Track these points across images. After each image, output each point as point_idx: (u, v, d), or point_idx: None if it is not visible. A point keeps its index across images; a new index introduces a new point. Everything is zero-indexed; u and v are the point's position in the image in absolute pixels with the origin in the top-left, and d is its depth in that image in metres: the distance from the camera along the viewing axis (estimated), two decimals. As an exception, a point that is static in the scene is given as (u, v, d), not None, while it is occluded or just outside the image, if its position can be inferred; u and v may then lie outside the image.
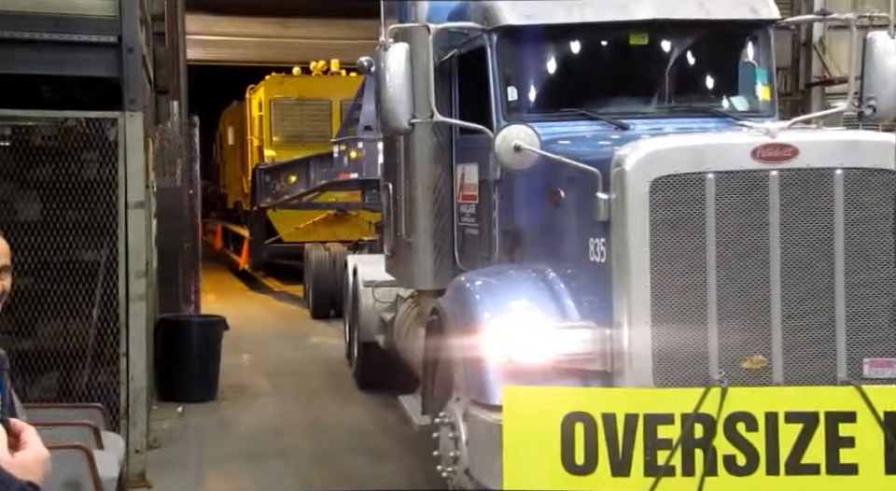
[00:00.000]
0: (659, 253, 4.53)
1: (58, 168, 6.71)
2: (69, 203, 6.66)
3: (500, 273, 5.51)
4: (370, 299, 9.12)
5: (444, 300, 5.59)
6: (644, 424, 4.13)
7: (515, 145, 5.04)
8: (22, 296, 6.32)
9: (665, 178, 4.53)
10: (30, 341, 6.61)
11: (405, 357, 7.68)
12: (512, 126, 5.16)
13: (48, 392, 6.57)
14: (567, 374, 4.67)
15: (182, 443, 7.76)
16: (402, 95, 5.57)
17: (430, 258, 6.69)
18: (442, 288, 6.36)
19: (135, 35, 6.86)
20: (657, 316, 4.53)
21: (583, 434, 4.12)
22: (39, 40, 6.65)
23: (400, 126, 5.68)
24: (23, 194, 6.79)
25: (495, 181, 5.81)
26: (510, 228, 5.71)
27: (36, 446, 1.73)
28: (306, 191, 17.14)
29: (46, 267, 6.56)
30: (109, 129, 6.66)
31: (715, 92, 6.12)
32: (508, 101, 5.80)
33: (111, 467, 4.87)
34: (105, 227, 6.67)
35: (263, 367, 11.04)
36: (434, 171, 6.60)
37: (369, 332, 9.14)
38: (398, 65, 5.55)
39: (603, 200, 4.64)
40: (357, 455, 7.38)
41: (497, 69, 5.81)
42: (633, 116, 5.72)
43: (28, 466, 1.68)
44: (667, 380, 4.51)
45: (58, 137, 6.87)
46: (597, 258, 4.77)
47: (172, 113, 11.65)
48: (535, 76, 6.06)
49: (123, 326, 6.63)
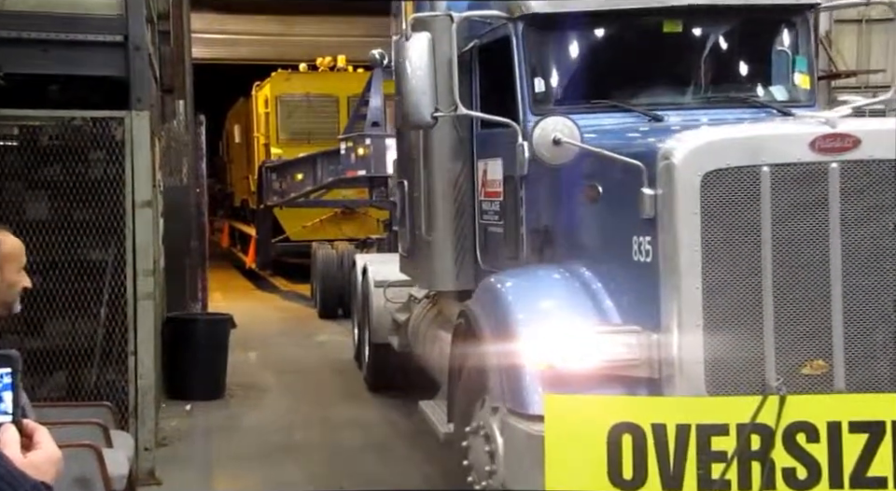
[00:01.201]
0: (711, 252, 4.24)
1: (65, 167, 6.74)
2: (77, 202, 6.68)
3: (533, 274, 5.20)
4: (381, 299, 8.88)
5: (473, 302, 5.26)
6: (697, 435, 3.86)
7: (555, 138, 4.69)
8: (31, 295, 6.32)
9: (716, 172, 4.23)
10: (38, 340, 6.65)
11: (422, 361, 7.44)
12: (551, 118, 4.78)
13: (56, 391, 6.61)
14: (611, 382, 4.38)
15: (191, 441, 7.78)
16: (425, 87, 5.34)
17: (451, 257, 6.40)
18: (464, 289, 6.21)
19: (142, 33, 6.88)
20: (709, 319, 4.24)
21: (631, 446, 3.85)
22: (46, 40, 6.65)
23: (423, 120, 5.44)
24: (31, 194, 6.82)
25: (521, 177, 5.49)
26: (539, 226, 5.41)
27: (49, 446, 1.75)
28: (313, 189, 16.95)
29: (54, 266, 6.59)
30: (116, 128, 6.70)
31: (752, 82, 5.81)
32: (535, 92, 5.52)
33: (121, 465, 4.88)
34: (113, 226, 6.69)
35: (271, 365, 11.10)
36: (455, 167, 6.32)
37: (381, 334, 8.88)
38: (420, 57, 5.32)
39: (649, 195, 4.35)
40: (367, 453, 7.41)
41: (523, 59, 5.52)
42: (666, 107, 5.43)
43: (40, 466, 1.70)
44: (721, 387, 4.22)
45: (65, 137, 6.91)
46: (642, 257, 4.47)
47: (178, 112, 11.70)
48: (563, 66, 5.77)
49: (131, 324, 6.66)
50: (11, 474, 1.59)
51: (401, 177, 7.79)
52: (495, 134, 5.87)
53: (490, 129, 5.93)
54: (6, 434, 1.71)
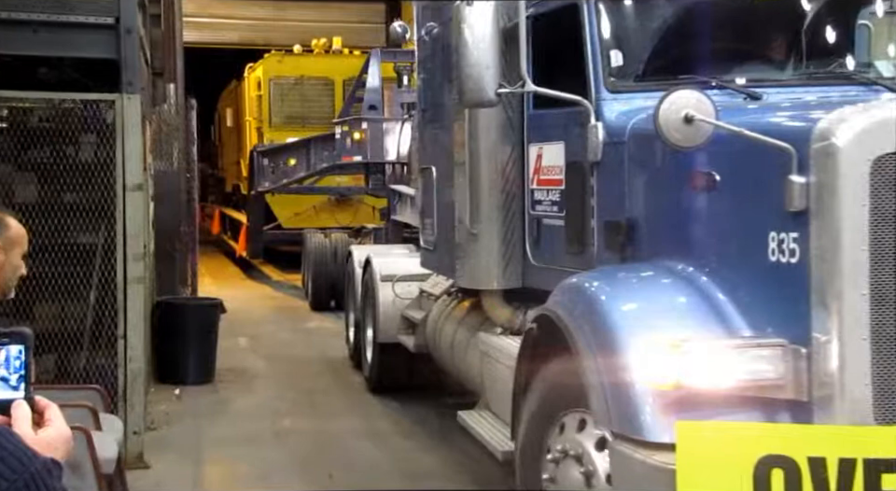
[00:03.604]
0: (881, 252, 3.66)
1: (55, 150, 6.77)
2: (66, 185, 6.71)
3: (633, 274, 4.53)
4: (389, 295, 8.35)
5: (557, 306, 4.53)
6: (864, 471, 3.29)
7: (686, 114, 3.94)
8: (20, 278, 6.40)
9: (891, 157, 3.66)
10: (27, 323, 6.67)
11: (446, 365, 7.08)
12: (681, 91, 4.04)
13: (45, 374, 6.66)
14: (748, 405, 3.79)
15: (180, 425, 7.83)
16: (490, 61, 4.84)
17: (499, 252, 5.84)
18: (510, 288, 5.84)
19: (133, 16, 6.88)
20: (878, 332, 3.67)
21: (783, 482, 3.30)
22: (37, 21, 6.63)
23: (485, 97, 4.92)
24: (20, 176, 6.85)
25: (593, 163, 4.93)
26: (618, 218, 4.77)
27: (60, 424, 1.77)
28: (307, 175, 16.65)
29: (43, 249, 6.60)
30: (107, 111, 6.71)
31: (856, 56, 5.29)
32: (610, 67, 4.97)
33: (110, 448, 4.92)
34: (103, 209, 6.72)
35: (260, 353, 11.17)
36: (503, 151, 5.77)
37: (389, 332, 8.32)
38: (484, 26, 4.82)
39: (799, 184, 3.73)
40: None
41: (596, 29, 4.99)
42: (762, 84, 4.88)
43: (51, 443, 1.72)
44: (893, 415, 3.68)
45: (55, 119, 6.93)
46: (783, 257, 3.85)
47: (168, 95, 11.72)
48: (645, 36, 5.21)
49: (121, 308, 6.71)
50: (23, 451, 1.61)
51: (427, 163, 7.32)
52: (553, 115, 5.39)
53: (546, 109, 5.45)
54: (18, 410, 1.74)
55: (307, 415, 8.28)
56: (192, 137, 13.33)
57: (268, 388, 9.38)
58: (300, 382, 9.55)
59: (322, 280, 14.10)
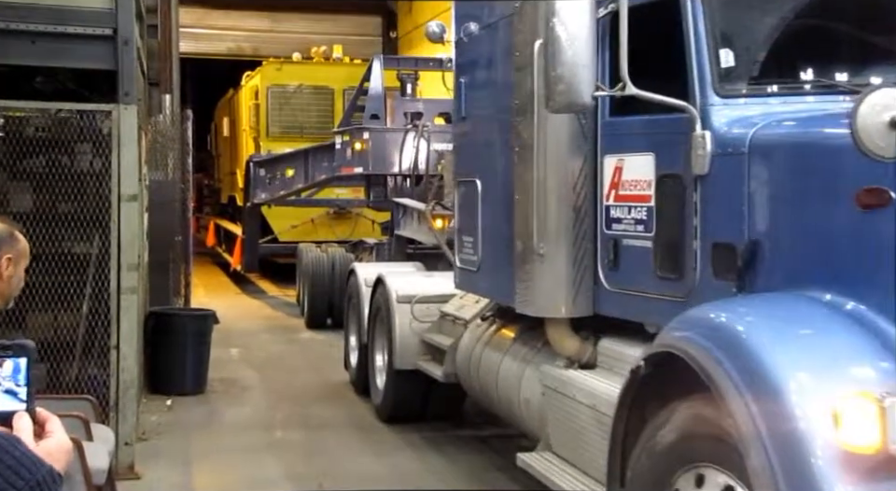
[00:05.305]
0: None
1: (51, 159, 6.85)
2: (61, 194, 6.81)
3: (782, 306, 3.89)
4: (406, 317, 7.84)
5: (687, 343, 3.78)
6: None
7: (893, 118, 3.38)
8: (19, 289, 6.46)
9: None
10: (20, 332, 6.73)
11: (486, 398, 6.64)
12: (882, 90, 3.48)
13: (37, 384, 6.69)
14: None
15: (171, 436, 7.91)
16: (586, 59, 4.39)
17: (568, 276, 5.29)
18: (579, 316, 5.32)
19: (131, 27, 6.97)
20: None
21: None
22: (34, 31, 6.72)
23: (579, 100, 4.44)
24: (15, 185, 6.93)
25: (698, 177, 4.41)
26: (733, 240, 4.23)
27: (60, 436, 1.81)
28: (305, 187, 15.98)
29: (37, 259, 6.63)
30: (103, 121, 6.80)
31: None
32: (719, 68, 4.48)
33: (101, 458, 4.97)
34: (98, 219, 6.81)
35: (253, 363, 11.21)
36: (574, 163, 5.26)
37: (407, 359, 7.83)
38: (581, 21, 4.39)
39: None
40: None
41: (703, 25, 4.49)
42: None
43: (52, 454, 1.75)
44: None
45: (51, 128, 7.01)
46: None
47: (164, 106, 11.80)
48: (761, 33, 4.69)
49: (114, 318, 6.78)
50: (30, 458, 1.66)
51: (468, 176, 6.73)
52: (638, 123, 4.94)
53: (627, 115, 5.00)
54: (20, 422, 1.78)
55: (299, 429, 8.31)
56: (188, 148, 13.41)
57: (259, 398, 9.42)
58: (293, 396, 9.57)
59: (318, 296, 13.72)
